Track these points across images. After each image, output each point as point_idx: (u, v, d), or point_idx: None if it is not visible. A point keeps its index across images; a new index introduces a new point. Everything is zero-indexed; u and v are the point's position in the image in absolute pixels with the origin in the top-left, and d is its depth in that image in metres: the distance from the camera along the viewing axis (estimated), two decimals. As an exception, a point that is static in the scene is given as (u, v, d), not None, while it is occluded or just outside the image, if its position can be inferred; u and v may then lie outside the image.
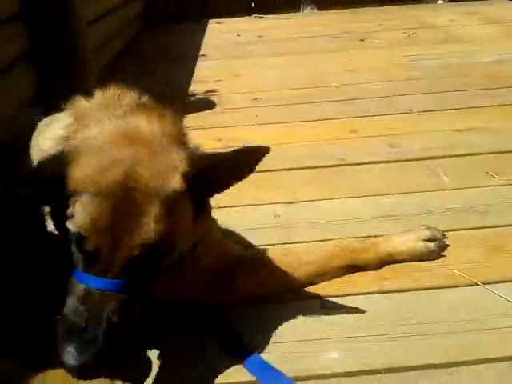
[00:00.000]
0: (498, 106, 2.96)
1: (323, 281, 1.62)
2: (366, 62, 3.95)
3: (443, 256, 1.72)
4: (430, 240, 1.70)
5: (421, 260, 1.69)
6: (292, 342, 1.44)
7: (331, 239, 1.83)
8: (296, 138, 2.72)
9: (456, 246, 1.77)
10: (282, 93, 3.43)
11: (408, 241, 1.69)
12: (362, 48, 4.38)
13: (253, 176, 2.31)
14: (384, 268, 1.68)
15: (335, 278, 1.64)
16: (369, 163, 2.39)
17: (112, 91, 1.32)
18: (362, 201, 2.10)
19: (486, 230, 1.85)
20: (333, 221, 1.97)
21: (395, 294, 1.59)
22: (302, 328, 1.48)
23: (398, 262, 1.68)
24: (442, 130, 2.68)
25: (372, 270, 1.66)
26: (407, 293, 1.59)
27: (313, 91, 3.42)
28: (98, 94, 1.33)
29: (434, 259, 1.69)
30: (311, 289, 1.61)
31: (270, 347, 1.42)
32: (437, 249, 1.70)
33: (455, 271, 1.64)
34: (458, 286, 1.59)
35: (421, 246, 1.69)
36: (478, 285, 1.58)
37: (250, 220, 2.00)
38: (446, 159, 2.37)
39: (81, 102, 1.33)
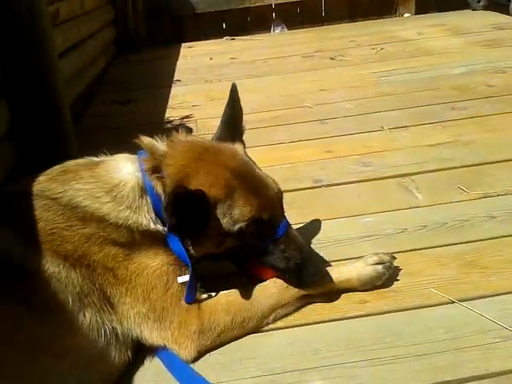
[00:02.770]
0: (469, 118, 3.01)
1: (281, 314, 1.61)
2: (337, 80, 3.99)
3: (420, 275, 1.75)
4: (378, 264, 1.69)
5: (373, 286, 1.68)
6: (279, 374, 1.45)
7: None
8: (274, 161, 2.72)
9: (433, 263, 1.81)
10: (257, 115, 3.43)
11: (356, 268, 1.69)
12: (334, 66, 4.42)
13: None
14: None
15: (293, 311, 1.63)
16: (344, 184, 2.42)
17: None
18: (338, 222, 2.12)
19: (461, 245, 1.88)
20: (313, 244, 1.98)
21: (375, 317, 1.61)
22: (287, 355, 1.50)
23: (351, 290, 1.68)
24: (414, 145, 2.71)
25: (325, 300, 1.67)
26: (388, 315, 1.61)
27: (288, 112, 3.44)
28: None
29: (384, 283, 1.69)
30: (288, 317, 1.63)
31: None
32: (385, 271, 1.68)
33: (432, 290, 1.67)
34: (435, 305, 1.62)
35: (370, 270, 1.68)
36: (454, 302, 1.61)
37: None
38: (419, 175, 2.40)
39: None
